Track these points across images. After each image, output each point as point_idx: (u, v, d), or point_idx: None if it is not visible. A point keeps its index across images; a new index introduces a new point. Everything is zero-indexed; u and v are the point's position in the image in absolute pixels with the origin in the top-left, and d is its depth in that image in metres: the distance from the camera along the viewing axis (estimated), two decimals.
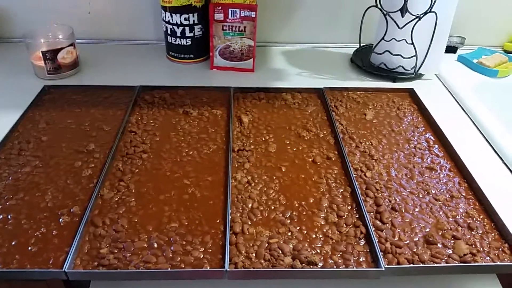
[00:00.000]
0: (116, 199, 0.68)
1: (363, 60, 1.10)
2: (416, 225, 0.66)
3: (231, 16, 1.02)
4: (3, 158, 0.76)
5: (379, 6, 0.98)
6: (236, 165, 0.75)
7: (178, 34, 1.06)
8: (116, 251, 0.60)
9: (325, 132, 0.85)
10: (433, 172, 0.76)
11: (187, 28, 1.06)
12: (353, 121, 0.89)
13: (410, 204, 0.69)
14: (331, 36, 1.23)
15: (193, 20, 1.05)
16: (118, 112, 0.89)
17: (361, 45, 1.11)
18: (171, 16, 1.04)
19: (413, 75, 1.04)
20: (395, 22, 0.97)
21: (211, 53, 1.07)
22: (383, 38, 1.01)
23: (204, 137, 0.83)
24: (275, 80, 1.05)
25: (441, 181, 0.74)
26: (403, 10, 0.94)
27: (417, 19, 0.95)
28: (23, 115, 0.87)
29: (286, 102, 0.95)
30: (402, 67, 1.04)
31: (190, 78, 1.05)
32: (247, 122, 0.87)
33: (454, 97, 1.00)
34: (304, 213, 0.67)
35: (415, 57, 1.01)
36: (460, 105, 0.98)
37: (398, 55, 1.02)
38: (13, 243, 0.60)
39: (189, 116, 0.89)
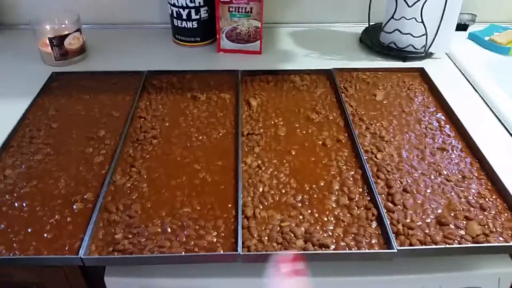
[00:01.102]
0: (129, 185, 0.69)
1: (372, 39, 1.08)
2: (428, 207, 0.66)
3: None
4: (15, 146, 0.77)
5: None
6: (246, 149, 0.75)
7: (184, 17, 1.05)
8: (130, 236, 0.61)
9: (334, 114, 0.85)
10: (445, 153, 0.76)
11: (193, 11, 1.04)
12: (363, 103, 0.88)
13: (422, 186, 0.69)
14: (339, 15, 1.21)
15: (199, 2, 1.03)
16: (126, 98, 0.89)
17: (370, 24, 1.09)
18: None
19: (423, 54, 1.02)
20: (404, 0, 0.95)
21: (218, 35, 1.06)
22: (392, 17, 0.99)
23: (213, 121, 0.83)
24: (283, 62, 1.04)
25: (453, 162, 0.74)
26: None
27: None
28: (32, 102, 0.88)
29: (294, 84, 0.94)
30: (412, 46, 1.02)
31: (197, 61, 1.04)
32: (255, 106, 0.87)
33: (465, 76, 0.99)
34: (315, 196, 0.67)
35: (425, 36, 0.99)
36: (471, 84, 0.96)
37: (408, 34, 1.00)
38: (29, 230, 0.61)
39: (197, 100, 0.89)
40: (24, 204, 0.65)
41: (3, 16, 1.17)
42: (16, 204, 0.65)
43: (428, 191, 0.68)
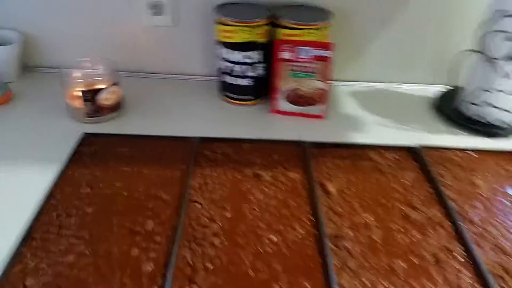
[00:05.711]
0: None
1: (451, 107, 0.93)
2: None
3: (301, 55, 0.86)
4: (39, 239, 0.60)
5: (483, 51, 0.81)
6: (338, 264, 0.59)
7: (238, 74, 0.91)
8: None
9: (436, 212, 0.68)
10: None
11: (248, 67, 0.90)
12: (467, 196, 0.72)
13: None
14: (405, 75, 1.07)
15: (257, 59, 0.89)
16: (176, 173, 0.73)
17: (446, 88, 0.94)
18: (231, 53, 0.88)
19: None
20: (503, 70, 0.81)
21: (275, 95, 0.91)
22: (486, 89, 0.85)
23: (286, 214, 0.67)
24: (352, 131, 0.89)
25: None
26: None
27: None
28: (60, 174, 0.71)
29: (376, 164, 0.78)
30: (504, 121, 0.87)
31: (252, 125, 0.89)
32: (335, 193, 0.71)
33: None
34: None
35: None
36: None
37: (505, 109, 0.86)
38: None
39: (261, 180, 0.73)
40: None
41: (28, 57, 1.02)
42: None
43: None
